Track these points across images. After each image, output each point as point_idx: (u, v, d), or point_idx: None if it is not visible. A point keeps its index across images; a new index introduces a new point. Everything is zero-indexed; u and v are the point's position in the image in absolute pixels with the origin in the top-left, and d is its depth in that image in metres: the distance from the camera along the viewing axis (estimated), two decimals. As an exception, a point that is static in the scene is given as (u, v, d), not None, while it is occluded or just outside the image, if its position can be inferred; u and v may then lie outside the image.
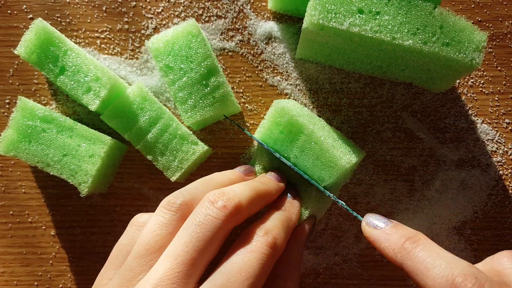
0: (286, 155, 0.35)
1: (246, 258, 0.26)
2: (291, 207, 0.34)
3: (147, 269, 0.26)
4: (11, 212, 0.41)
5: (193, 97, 0.35)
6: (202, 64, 0.35)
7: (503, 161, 0.40)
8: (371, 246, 0.40)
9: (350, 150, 0.34)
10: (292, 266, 0.32)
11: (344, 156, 0.33)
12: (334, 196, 0.34)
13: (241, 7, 0.41)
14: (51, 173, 0.36)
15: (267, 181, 0.34)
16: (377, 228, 0.29)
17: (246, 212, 0.29)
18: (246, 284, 0.25)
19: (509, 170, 0.40)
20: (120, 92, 0.38)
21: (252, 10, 0.41)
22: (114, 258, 0.29)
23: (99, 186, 0.38)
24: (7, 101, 0.41)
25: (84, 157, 0.36)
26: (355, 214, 0.32)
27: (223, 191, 0.29)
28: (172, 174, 0.37)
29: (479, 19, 0.40)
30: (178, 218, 0.28)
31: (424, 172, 0.40)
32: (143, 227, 0.29)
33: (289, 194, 0.35)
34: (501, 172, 0.40)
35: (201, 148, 0.37)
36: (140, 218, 0.31)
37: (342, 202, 0.33)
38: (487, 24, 0.40)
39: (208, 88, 0.35)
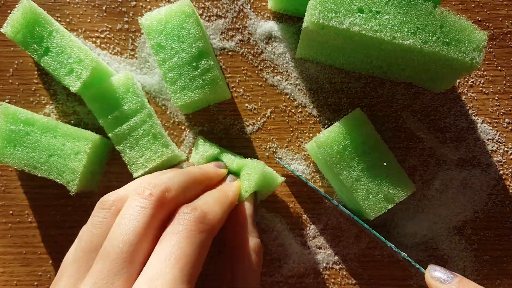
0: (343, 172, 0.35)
1: (174, 241, 0.25)
2: (227, 186, 0.34)
3: (86, 271, 0.26)
4: (11, 212, 0.41)
5: (183, 79, 0.35)
6: (194, 45, 0.35)
7: (503, 160, 0.40)
8: (371, 246, 0.40)
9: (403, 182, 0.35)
10: (240, 249, 0.32)
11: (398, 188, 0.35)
12: (397, 248, 0.34)
13: (241, 7, 0.41)
14: (39, 175, 0.36)
15: (205, 166, 0.34)
16: (443, 282, 0.29)
17: (180, 198, 0.28)
18: (178, 268, 0.24)
19: (510, 170, 0.40)
20: (106, 78, 0.38)
21: (252, 9, 0.41)
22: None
23: (88, 183, 0.38)
24: (7, 101, 0.41)
25: (70, 155, 0.36)
26: (417, 266, 0.33)
27: (149, 181, 0.28)
28: (135, 170, 0.36)
29: (479, 19, 0.40)
30: (112, 215, 0.28)
31: (424, 172, 0.40)
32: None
33: (228, 177, 0.35)
34: (501, 171, 0.40)
35: (170, 151, 0.36)
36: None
37: (404, 253, 0.34)
38: (487, 24, 0.40)
39: (198, 71, 0.35)
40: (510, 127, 0.40)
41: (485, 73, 0.40)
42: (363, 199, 0.35)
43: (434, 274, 0.30)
